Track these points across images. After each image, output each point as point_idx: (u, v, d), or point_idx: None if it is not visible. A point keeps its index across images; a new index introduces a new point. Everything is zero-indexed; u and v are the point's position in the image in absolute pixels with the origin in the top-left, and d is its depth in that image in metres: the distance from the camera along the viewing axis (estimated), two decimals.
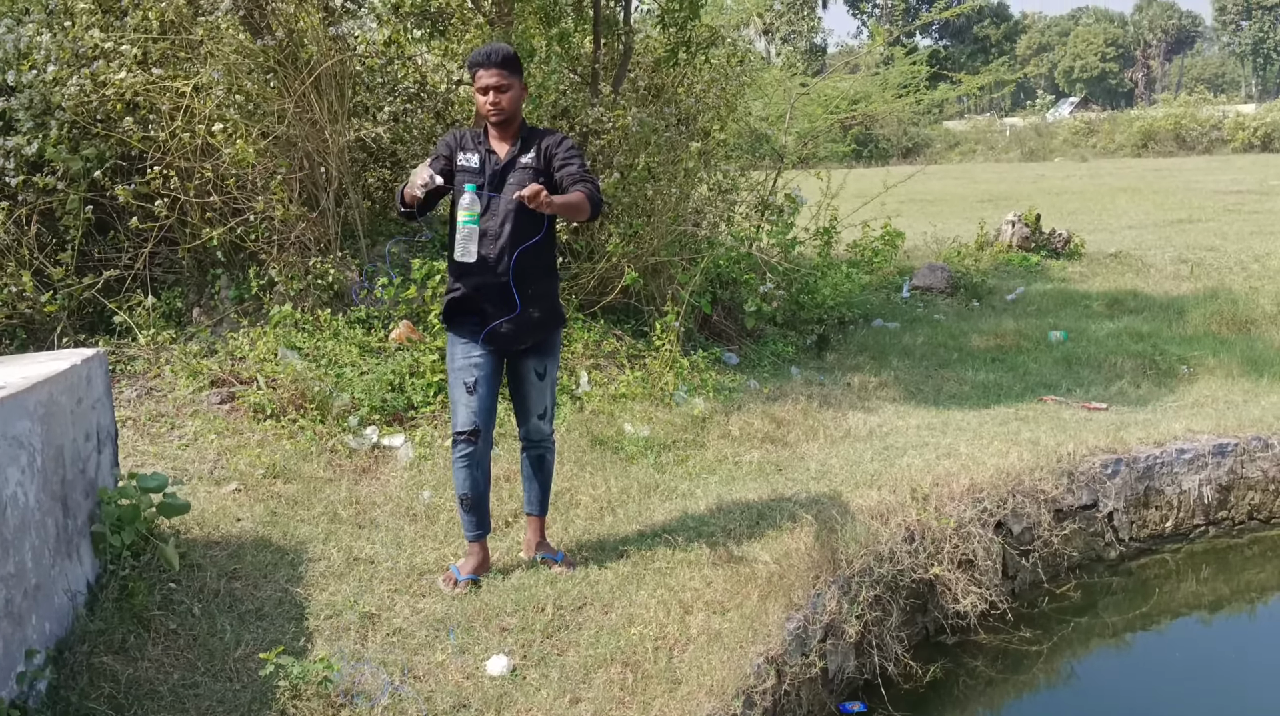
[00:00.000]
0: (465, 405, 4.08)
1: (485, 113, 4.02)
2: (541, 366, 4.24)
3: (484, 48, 4.04)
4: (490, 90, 3.96)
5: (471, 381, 4.06)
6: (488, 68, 3.96)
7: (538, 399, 4.28)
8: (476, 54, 4.01)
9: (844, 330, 9.10)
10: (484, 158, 4.02)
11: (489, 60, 3.97)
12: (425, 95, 8.14)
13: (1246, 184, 23.45)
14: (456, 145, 4.06)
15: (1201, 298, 10.04)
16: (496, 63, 3.96)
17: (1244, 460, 6.11)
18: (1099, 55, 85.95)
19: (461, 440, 4.09)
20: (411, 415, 6.12)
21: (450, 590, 4.13)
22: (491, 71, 3.95)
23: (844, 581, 4.42)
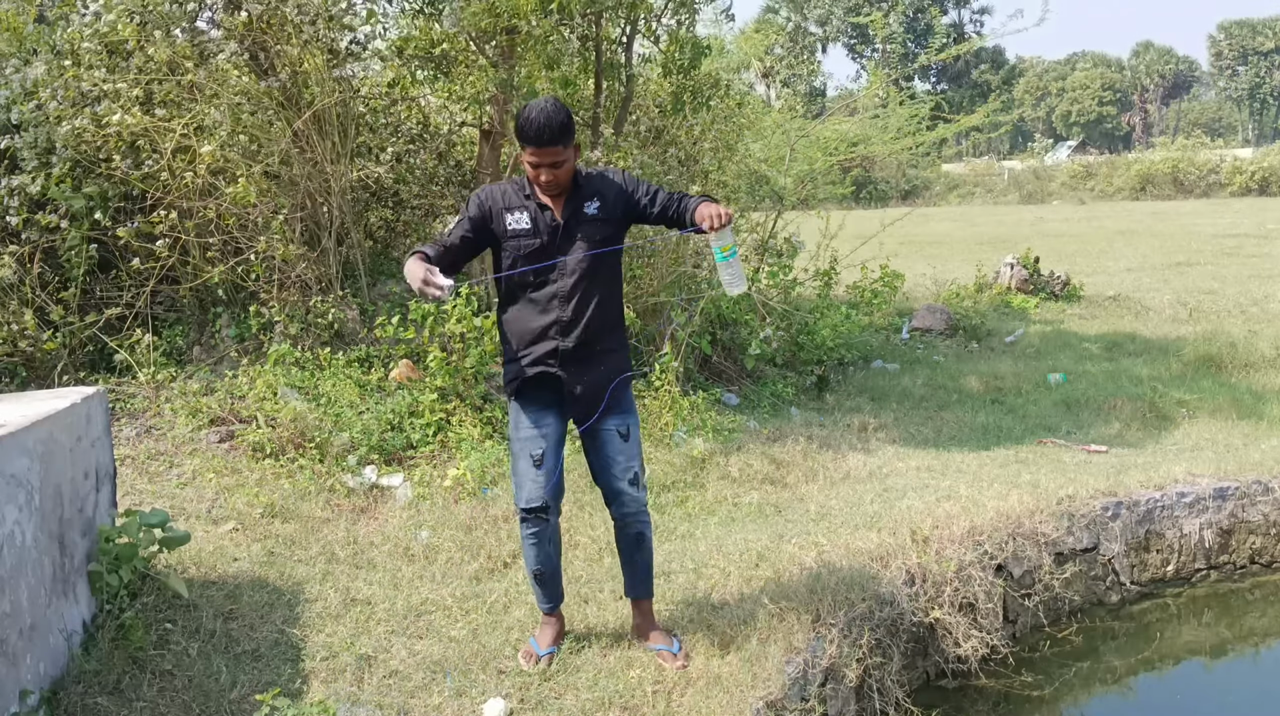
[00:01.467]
0: (532, 480, 3.71)
1: (539, 186, 3.59)
2: (624, 425, 3.79)
3: (534, 116, 3.45)
4: (543, 168, 3.51)
5: (539, 453, 3.70)
6: (539, 147, 3.47)
7: (625, 463, 3.80)
8: (526, 126, 3.46)
9: (843, 371, 9.11)
10: (535, 215, 3.61)
11: (539, 139, 3.45)
12: (428, 136, 8.22)
13: (1244, 227, 23.58)
14: (498, 204, 3.63)
15: (1200, 340, 10.05)
16: (548, 141, 3.45)
17: (1244, 504, 6.09)
18: (1096, 99, 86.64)
19: (529, 518, 3.76)
20: (410, 454, 6.11)
21: (532, 666, 3.81)
22: (544, 151, 3.47)
23: (844, 625, 4.39)
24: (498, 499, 5.54)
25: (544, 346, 3.66)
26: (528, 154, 3.51)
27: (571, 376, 3.68)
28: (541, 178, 3.53)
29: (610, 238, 3.70)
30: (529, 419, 3.73)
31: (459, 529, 5.17)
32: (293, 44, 6.90)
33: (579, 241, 3.63)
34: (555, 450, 3.76)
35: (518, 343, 3.70)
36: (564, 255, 3.62)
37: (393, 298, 7.64)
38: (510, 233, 3.61)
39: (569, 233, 3.63)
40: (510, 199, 3.65)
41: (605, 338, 3.72)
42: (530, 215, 3.61)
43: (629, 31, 7.99)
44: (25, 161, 6.67)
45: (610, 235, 3.70)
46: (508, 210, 3.62)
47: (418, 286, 3.35)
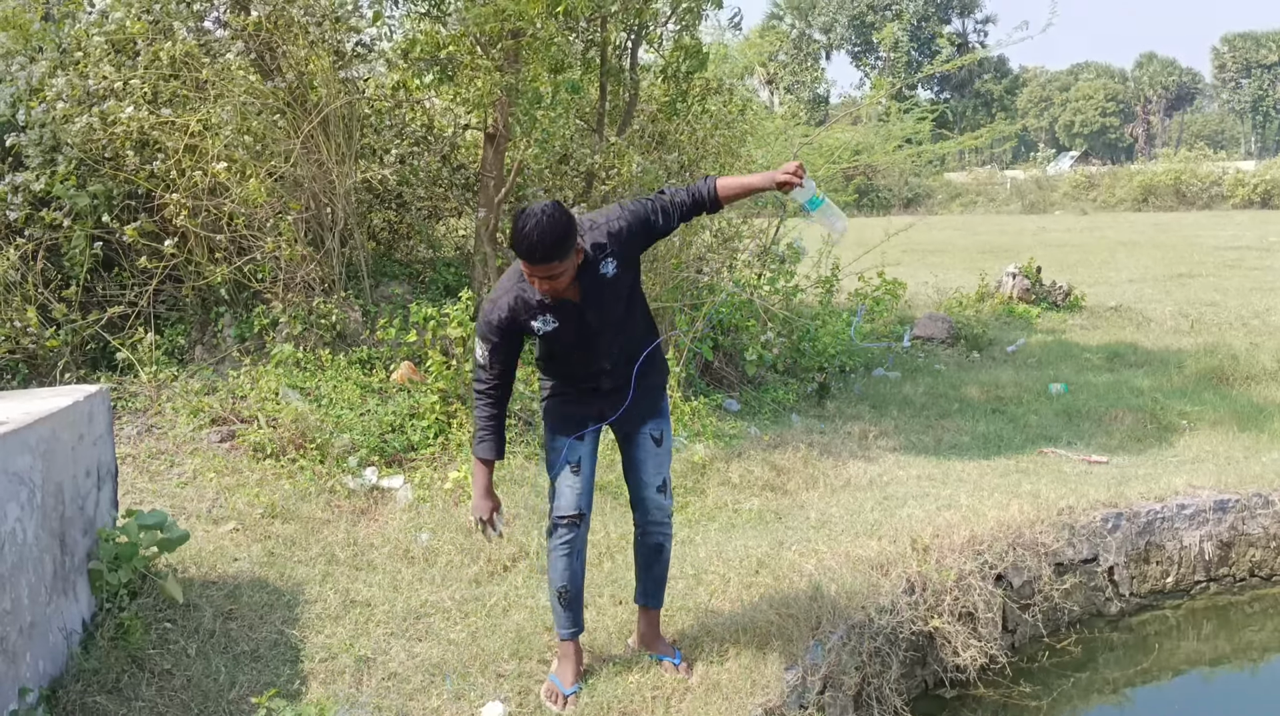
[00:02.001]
0: (570, 487, 3.64)
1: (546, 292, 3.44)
2: (658, 430, 3.80)
3: (529, 231, 3.23)
4: (539, 280, 3.36)
5: (576, 459, 3.65)
6: (533, 264, 3.30)
7: (656, 469, 3.80)
8: (520, 242, 3.26)
9: (844, 379, 9.11)
10: (558, 311, 3.48)
11: (532, 258, 3.27)
12: (432, 138, 8.22)
13: (1246, 240, 23.60)
14: (519, 317, 3.49)
15: (1202, 352, 10.05)
16: (541, 259, 3.27)
17: (1245, 516, 6.09)
18: (1099, 110, 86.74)
19: (564, 524, 3.67)
20: (411, 457, 6.11)
21: (560, 708, 3.65)
22: (540, 268, 3.31)
23: (844, 633, 4.39)
24: None
25: (589, 385, 3.68)
26: (524, 267, 3.36)
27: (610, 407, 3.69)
28: (538, 287, 3.40)
29: (633, 281, 3.63)
30: (568, 427, 3.68)
31: (459, 532, 5.17)
32: (299, 45, 6.91)
33: (608, 304, 3.54)
34: (592, 456, 3.74)
35: (564, 387, 3.71)
36: (597, 324, 3.54)
37: (395, 299, 7.65)
38: (541, 334, 3.53)
39: (594, 303, 3.51)
40: (528, 305, 3.48)
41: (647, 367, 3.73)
42: (554, 314, 3.49)
43: (634, 37, 8.01)
44: (30, 159, 6.67)
45: (633, 279, 3.62)
46: (531, 318, 3.49)
47: (477, 517, 3.66)
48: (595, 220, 3.54)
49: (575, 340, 3.56)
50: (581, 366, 3.65)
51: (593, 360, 3.62)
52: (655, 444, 3.80)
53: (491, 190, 7.42)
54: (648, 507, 3.84)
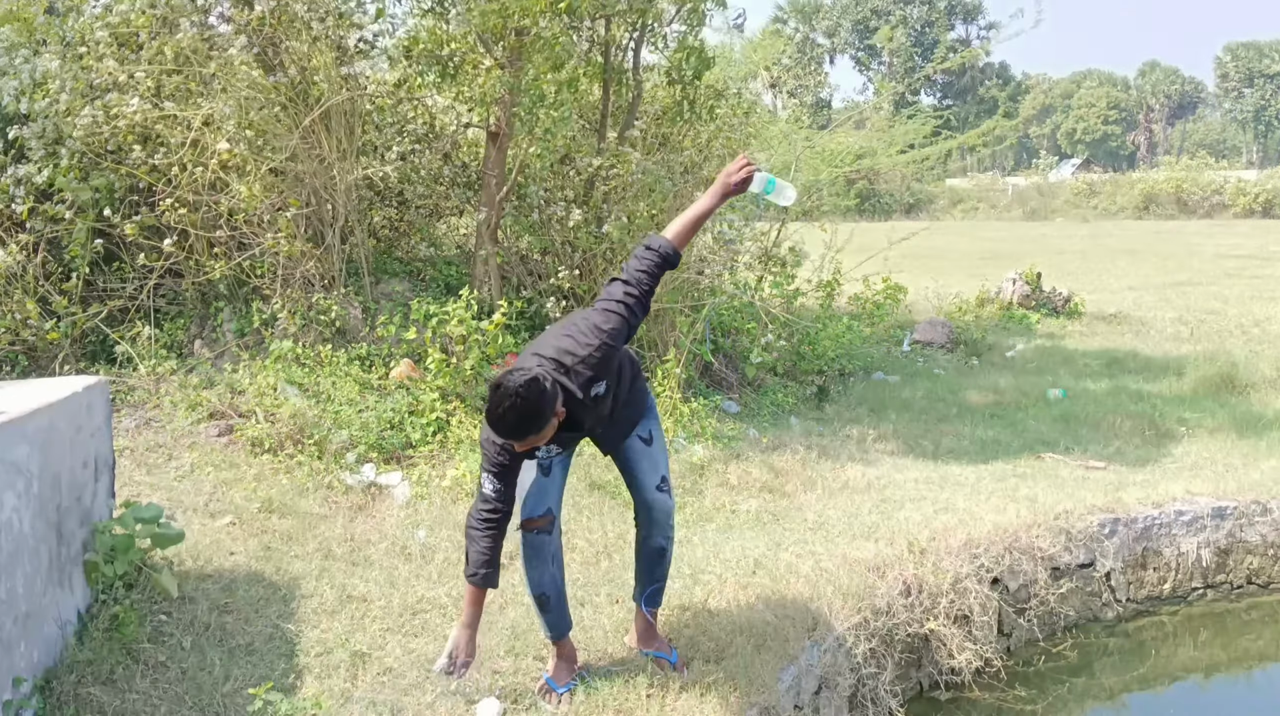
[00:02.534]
0: (537, 492, 3.59)
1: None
2: (645, 431, 3.76)
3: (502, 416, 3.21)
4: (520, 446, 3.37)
5: (548, 462, 3.58)
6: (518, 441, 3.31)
7: (651, 467, 3.75)
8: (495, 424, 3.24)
9: (844, 382, 9.11)
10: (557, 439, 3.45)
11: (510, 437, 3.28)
12: (434, 136, 8.22)
13: (1247, 249, 23.62)
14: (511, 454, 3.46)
15: (1201, 360, 10.05)
16: (517, 438, 3.28)
17: (1243, 524, 6.09)
18: (1102, 118, 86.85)
19: (536, 529, 3.61)
20: (409, 454, 6.11)
21: (555, 707, 3.61)
22: (518, 445, 3.34)
23: (839, 634, 4.39)
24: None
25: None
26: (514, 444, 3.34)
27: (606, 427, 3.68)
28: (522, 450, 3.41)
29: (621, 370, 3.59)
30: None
31: (456, 529, 5.16)
32: (302, 40, 6.91)
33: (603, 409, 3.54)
34: (564, 461, 3.69)
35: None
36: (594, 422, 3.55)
37: (395, 297, 7.65)
38: (541, 462, 3.58)
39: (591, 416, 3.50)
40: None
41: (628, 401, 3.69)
42: (544, 448, 3.51)
43: (638, 37, 8.01)
44: (32, 151, 6.67)
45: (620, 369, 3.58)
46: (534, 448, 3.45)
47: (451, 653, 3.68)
48: (575, 354, 3.38)
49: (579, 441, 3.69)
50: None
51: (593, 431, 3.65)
52: (645, 443, 3.76)
53: (493, 189, 7.42)
54: (652, 508, 3.78)
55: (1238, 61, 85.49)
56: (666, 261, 3.54)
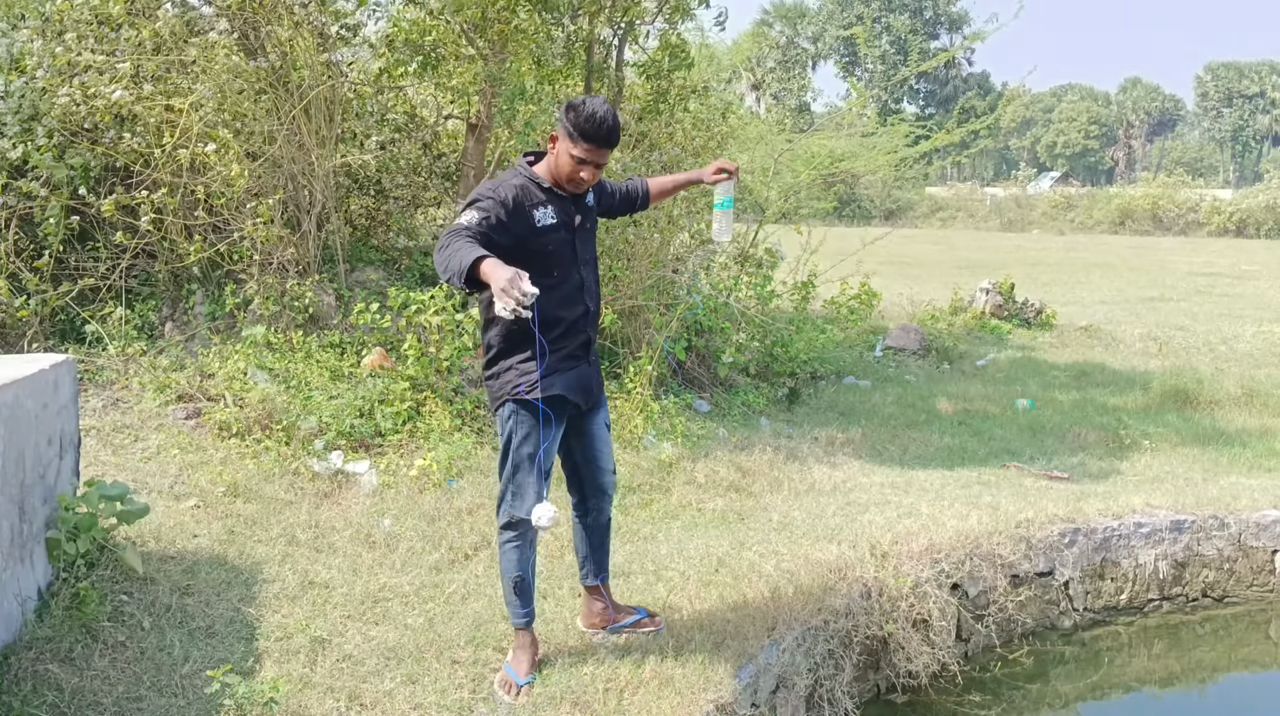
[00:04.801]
0: (536, 491, 3.58)
1: (571, 182, 3.51)
2: (607, 416, 3.92)
3: (603, 115, 3.39)
4: (589, 167, 3.47)
5: (549, 466, 3.65)
6: (602, 147, 3.43)
7: (608, 453, 3.91)
8: (597, 125, 3.38)
9: (815, 385, 9.17)
10: (560, 209, 3.53)
11: (609, 140, 3.44)
12: (413, 126, 8.21)
13: (1220, 267, 23.90)
14: (525, 201, 3.44)
15: (1168, 375, 10.18)
16: (612, 143, 3.45)
17: (1200, 537, 6.18)
18: (1082, 132, 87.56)
19: (521, 525, 3.65)
20: (378, 442, 6.11)
21: (512, 696, 3.61)
22: (602, 151, 3.45)
23: (799, 634, 4.43)
24: (463, 491, 5.55)
25: (577, 339, 3.65)
26: (581, 150, 3.42)
27: (584, 367, 3.71)
28: (583, 174, 3.48)
29: (595, 227, 3.82)
30: (546, 430, 3.57)
31: (422, 519, 5.18)
32: (283, 25, 6.89)
33: (588, 231, 3.71)
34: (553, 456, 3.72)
35: (549, 340, 3.49)
36: (582, 245, 3.65)
37: (370, 285, 7.64)
38: (540, 228, 3.48)
39: (583, 224, 3.65)
40: (532, 194, 3.49)
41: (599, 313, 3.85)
42: (556, 209, 3.53)
43: (620, 34, 8.03)
44: (7, 127, 6.62)
45: (595, 225, 3.82)
46: (534, 207, 3.48)
47: (502, 287, 2.93)
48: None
49: (569, 252, 3.58)
50: (572, 297, 3.62)
51: (581, 289, 3.64)
52: (607, 430, 3.91)
53: (472, 180, 7.43)
54: (605, 488, 3.93)
55: (1218, 81, 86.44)
56: (634, 193, 4.03)
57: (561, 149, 3.48)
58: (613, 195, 3.97)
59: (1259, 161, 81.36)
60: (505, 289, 2.90)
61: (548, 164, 3.56)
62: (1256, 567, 6.26)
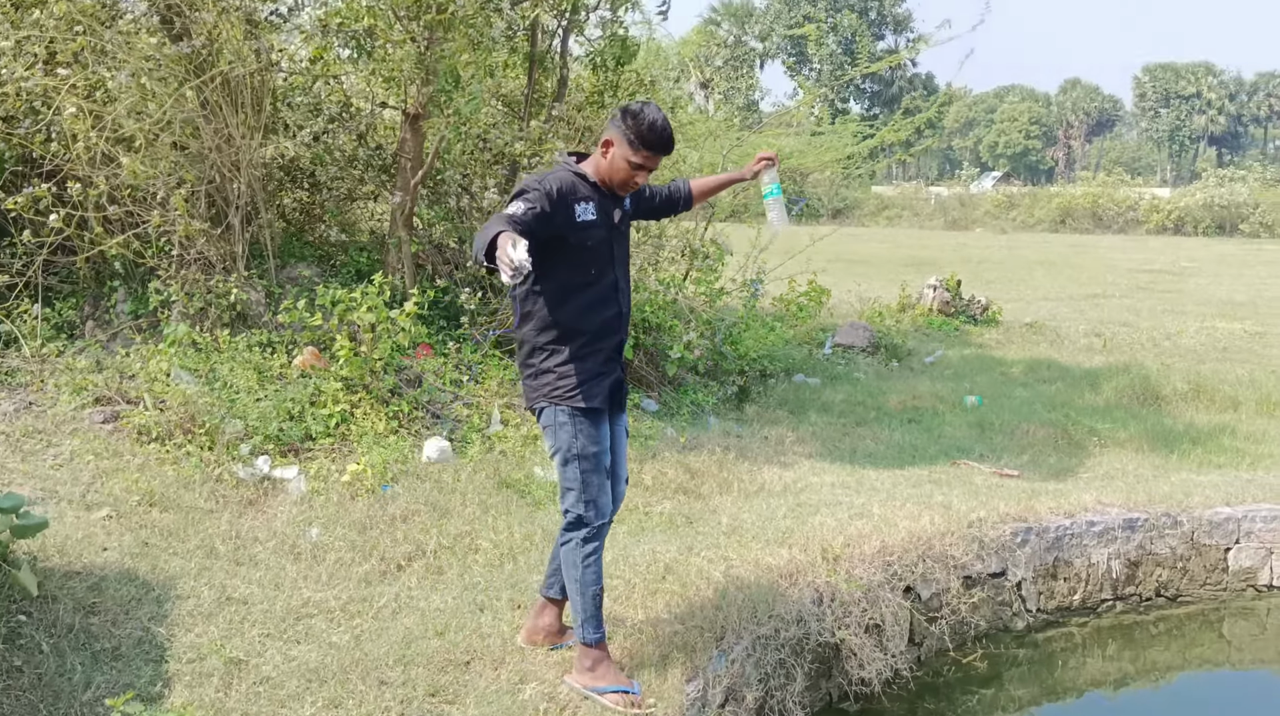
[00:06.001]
0: (604, 491, 3.57)
1: (622, 184, 3.51)
2: (627, 420, 3.84)
3: (662, 125, 3.43)
4: (646, 172, 3.51)
5: (608, 465, 3.60)
6: (660, 154, 3.49)
7: (625, 461, 3.84)
8: (658, 134, 3.42)
9: (765, 383, 9.00)
10: (601, 206, 3.51)
11: (666, 148, 3.48)
12: (348, 116, 7.91)
13: (1160, 264, 24.20)
14: (568, 193, 3.42)
15: (1114, 371, 10.16)
16: (669, 150, 3.51)
17: (1153, 536, 6.09)
18: (1023, 132, 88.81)
19: (601, 531, 3.60)
20: (308, 446, 5.83)
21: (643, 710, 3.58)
22: (659, 159, 3.51)
23: (749, 644, 4.23)
24: (397, 497, 5.29)
25: (612, 341, 3.61)
26: (640, 157, 3.45)
27: (619, 367, 3.69)
28: (637, 179, 3.51)
29: (629, 229, 3.80)
30: (596, 431, 3.55)
31: (352, 527, 4.92)
32: (208, 9, 6.56)
33: (623, 233, 3.68)
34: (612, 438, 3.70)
35: (586, 340, 3.52)
36: (618, 246, 3.62)
37: (302, 282, 7.34)
38: (580, 224, 3.45)
39: (620, 224, 3.63)
40: (579, 189, 3.48)
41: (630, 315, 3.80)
42: (596, 206, 3.50)
43: (565, 25, 7.80)
44: None
45: (629, 226, 3.78)
46: (577, 202, 3.46)
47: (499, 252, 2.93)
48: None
49: (607, 251, 3.54)
50: (607, 297, 3.55)
51: (616, 290, 3.58)
52: (627, 435, 3.83)
53: (409, 173, 7.15)
54: (618, 499, 3.81)
55: (1155, 82, 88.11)
56: (676, 194, 4.00)
57: (617, 155, 3.47)
58: (652, 198, 3.93)
59: (1195, 161, 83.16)
60: (498, 256, 2.92)
61: (595, 165, 3.54)
62: (1209, 566, 6.19)
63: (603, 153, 3.50)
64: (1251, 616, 6.16)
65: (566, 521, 3.60)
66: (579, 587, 3.58)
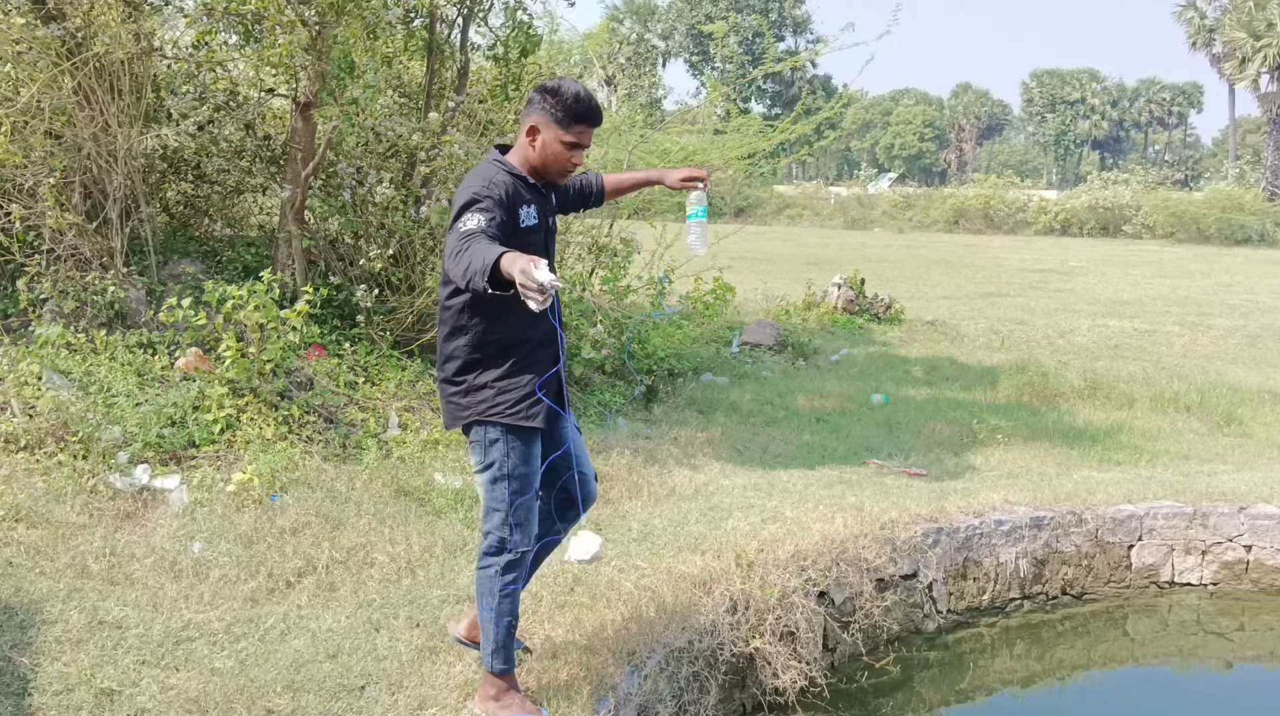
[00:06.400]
0: (533, 516, 3.32)
1: (560, 169, 3.27)
2: (574, 416, 3.60)
3: (585, 95, 3.21)
4: (580, 150, 3.25)
5: (538, 486, 3.35)
6: (593, 125, 3.25)
7: (586, 456, 3.59)
8: (585, 104, 3.19)
9: (673, 383, 8.86)
10: (540, 208, 3.26)
11: (597, 118, 3.25)
12: (235, 105, 7.52)
13: (1049, 264, 24.83)
14: (514, 201, 3.14)
15: (1014, 369, 10.29)
16: (599, 120, 3.28)
17: (1059, 534, 6.11)
18: (917, 135, 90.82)
19: (525, 557, 3.33)
20: (192, 454, 5.48)
21: None
22: (591, 132, 3.27)
23: (661, 658, 4.07)
24: (287, 508, 4.99)
25: (552, 349, 3.30)
26: (574, 134, 3.20)
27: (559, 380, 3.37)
28: (574, 159, 3.25)
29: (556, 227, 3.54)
30: (530, 449, 3.29)
31: (238, 541, 4.61)
32: None
33: (554, 233, 3.44)
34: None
35: (527, 350, 3.25)
36: (551, 246, 3.38)
37: (186, 279, 6.95)
38: (524, 229, 3.17)
39: (553, 223, 3.40)
40: (521, 192, 3.20)
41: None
42: (536, 209, 3.25)
43: (465, 13, 7.52)
44: None
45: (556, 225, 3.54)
46: (519, 205, 3.18)
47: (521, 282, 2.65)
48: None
49: (542, 251, 3.23)
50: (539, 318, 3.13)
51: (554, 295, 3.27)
52: (579, 432, 3.61)
53: (299, 164, 6.81)
54: (590, 497, 3.57)
55: (1042, 87, 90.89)
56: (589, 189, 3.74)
57: (548, 139, 3.21)
58: (566, 191, 3.66)
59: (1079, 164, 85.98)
60: (524, 284, 2.64)
61: (525, 158, 3.26)
62: (1113, 563, 6.24)
63: (530, 142, 3.23)
64: (1154, 613, 6.23)
65: (487, 544, 3.33)
66: (493, 617, 3.33)
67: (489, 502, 3.31)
